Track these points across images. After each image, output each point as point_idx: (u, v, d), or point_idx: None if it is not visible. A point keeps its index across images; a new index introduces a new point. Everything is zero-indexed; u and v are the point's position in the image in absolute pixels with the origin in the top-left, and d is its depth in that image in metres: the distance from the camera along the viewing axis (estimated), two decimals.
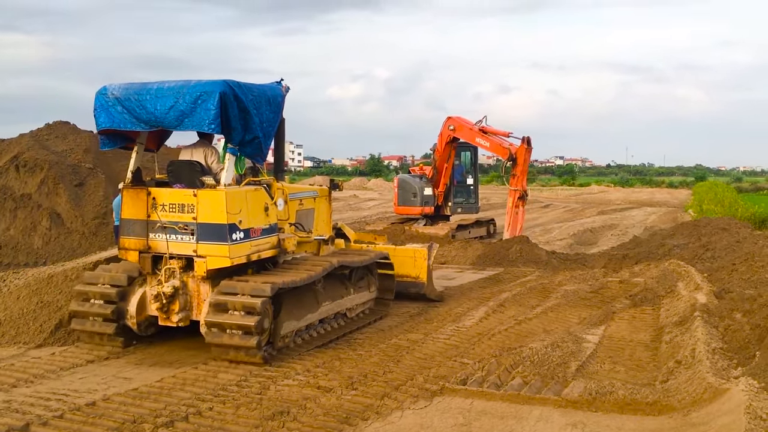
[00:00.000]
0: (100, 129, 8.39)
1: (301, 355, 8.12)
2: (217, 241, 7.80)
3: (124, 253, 8.36)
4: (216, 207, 7.79)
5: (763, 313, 7.95)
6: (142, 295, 8.35)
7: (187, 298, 8.16)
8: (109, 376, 7.29)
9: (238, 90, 7.91)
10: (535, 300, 11.67)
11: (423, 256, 11.36)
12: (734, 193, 44.10)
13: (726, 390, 5.89)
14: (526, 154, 17.32)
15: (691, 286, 11.07)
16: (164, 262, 8.12)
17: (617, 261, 15.68)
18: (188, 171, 8.29)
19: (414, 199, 19.18)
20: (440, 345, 8.67)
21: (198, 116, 7.75)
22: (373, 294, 10.41)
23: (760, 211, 24.35)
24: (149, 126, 8.14)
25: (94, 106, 8.27)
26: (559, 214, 34.56)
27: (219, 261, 7.82)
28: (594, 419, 6.15)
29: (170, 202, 8.01)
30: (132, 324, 8.36)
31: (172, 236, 7.99)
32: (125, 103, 8.06)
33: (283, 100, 8.92)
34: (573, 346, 8.38)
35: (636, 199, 48.64)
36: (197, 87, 7.78)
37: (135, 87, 8.12)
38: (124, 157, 15.73)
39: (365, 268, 10.11)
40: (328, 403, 6.45)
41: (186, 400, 6.48)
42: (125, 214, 8.27)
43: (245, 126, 8.06)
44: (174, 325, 8.22)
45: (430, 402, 6.55)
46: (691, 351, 7.39)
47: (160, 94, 7.91)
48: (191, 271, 8.07)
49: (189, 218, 7.89)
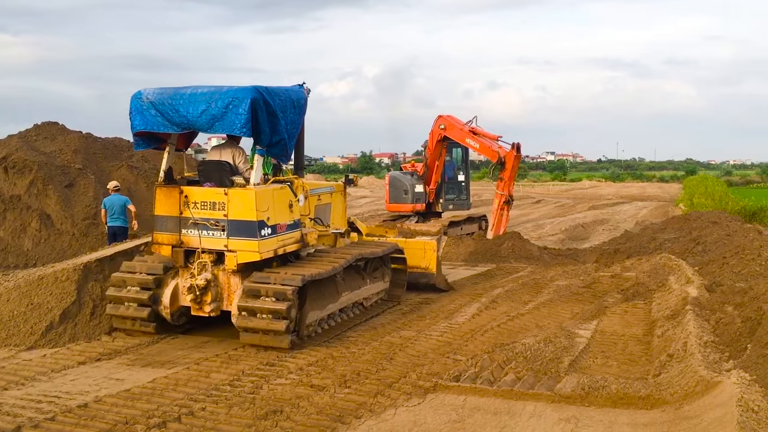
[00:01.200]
0: (135, 131, 8.83)
1: (293, 354, 8.11)
2: (247, 236, 8.34)
3: (157, 247, 8.85)
4: (246, 205, 8.34)
5: (754, 306, 7.98)
6: (174, 286, 8.82)
7: (218, 290, 8.66)
8: (100, 378, 7.25)
9: (266, 95, 8.41)
10: (527, 296, 11.69)
11: (432, 248, 11.92)
12: (724, 187, 44.31)
13: (718, 383, 5.91)
14: (515, 161, 17.48)
15: (682, 279, 11.11)
16: (197, 256, 8.64)
17: (609, 256, 15.73)
18: (218, 170, 8.80)
19: (405, 196, 19.17)
20: (433, 342, 8.67)
21: (229, 120, 8.26)
22: (387, 284, 11.03)
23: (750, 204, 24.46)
24: (181, 128, 8.62)
25: (129, 109, 8.73)
26: (550, 209, 34.64)
27: (249, 255, 8.37)
28: (587, 414, 6.16)
29: (202, 199, 8.56)
30: (165, 314, 8.80)
31: (204, 232, 8.53)
32: (159, 106, 8.55)
33: (305, 103, 9.43)
34: (565, 341, 8.40)
35: (627, 193, 48.83)
36: (229, 93, 8.29)
37: (168, 92, 8.61)
38: (114, 158, 15.70)
39: (380, 260, 10.69)
40: (321, 401, 6.43)
41: (178, 401, 6.45)
42: (158, 211, 8.79)
43: (273, 129, 8.56)
44: (206, 315, 8.70)
45: (424, 399, 6.55)
46: (682, 344, 7.42)
47: (193, 99, 8.41)
48: (222, 265, 8.57)
49: (220, 215, 8.44)
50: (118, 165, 15.09)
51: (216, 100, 8.31)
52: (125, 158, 15.75)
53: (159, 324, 8.85)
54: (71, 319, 8.77)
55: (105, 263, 9.58)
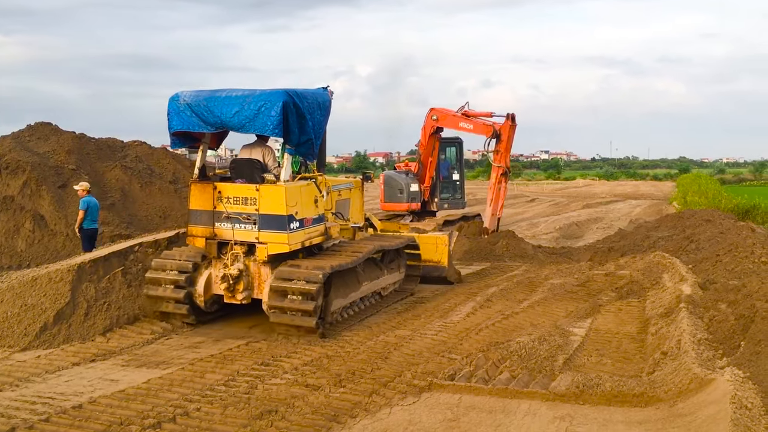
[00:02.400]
0: (173, 131, 9.43)
1: (288, 353, 8.11)
2: (277, 229, 8.96)
3: (192, 239, 9.49)
4: (276, 200, 8.97)
5: (747, 304, 8.02)
6: (208, 276, 9.38)
7: (250, 279, 9.26)
8: (95, 379, 7.24)
9: (296, 98, 9.05)
10: (522, 294, 11.71)
11: (444, 243, 12.59)
12: (717, 185, 44.46)
13: (711, 380, 5.94)
14: (510, 131, 17.35)
15: (676, 277, 11.14)
16: (229, 247, 9.21)
17: (603, 254, 15.76)
18: (249, 168, 9.42)
19: (401, 195, 19.09)
20: (428, 341, 8.68)
21: (261, 121, 8.90)
22: (402, 275, 11.74)
23: (743, 202, 24.55)
24: (215, 128, 9.26)
25: (167, 110, 9.34)
26: (545, 208, 34.70)
27: (279, 247, 8.97)
28: (581, 412, 6.18)
29: (234, 195, 9.17)
30: (200, 302, 9.36)
31: (237, 225, 9.13)
32: (195, 108, 9.15)
33: (330, 105, 10.08)
34: (560, 340, 8.43)
35: (621, 192, 48.93)
36: (262, 96, 8.93)
37: (204, 94, 9.23)
38: (108, 158, 15.65)
39: (395, 252, 11.38)
40: (316, 401, 6.44)
41: (173, 401, 6.44)
42: (193, 205, 9.43)
43: (301, 129, 9.19)
44: (238, 303, 9.29)
45: (419, 398, 6.56)
46: (676, 342, 7.45)
47: (227, 102, 9.02)
48: (253, 256, 9.18)
49: (252, 209, 9.05)
50: (112, 165, 15.04)
51: (249, 102, 8.89)
52: (119, 159, 15.70)
53: (192, 310, 9.36)
54: (65, 320, 8.74)
55: (99, 264, 9.56)
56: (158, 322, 9.40)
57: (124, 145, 16.51)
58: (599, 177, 79.36)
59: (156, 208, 14.37)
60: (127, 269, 9.91)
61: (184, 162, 16.86)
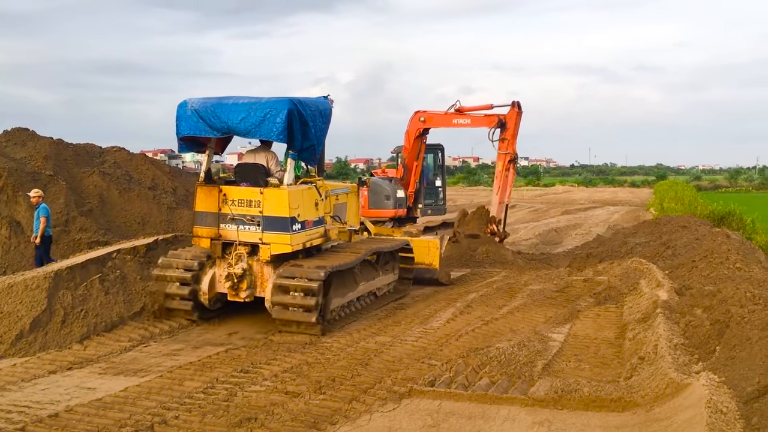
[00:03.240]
0: (181, 136, 9.83)
1: (268, 360, 8.09)
2: (280, 231, 9.39)
3: (197, 240, 9.88)
4: (280, 202, 9.40)
5: (723, 309, 8.12)
6: (212, 275, 9.78)
7: (253, 278, 9.66)
8: (72, 387, 7.16)
9: (300, 106, 9.48)
10: (501, 300, 11.77)
11: (436, 246, 13.04)
12: (693, 192, 44.95)
13: (687, 385, 6.01)
14: (517, 118, 16.88)
15: (653, 283, 11.27)
16: (234, 248, 9.62)
17: (581, 260, 15.89)
18: (253, 172, 9.85)
19: (387, 201, 18.82)
20: (408, 347, 8.70)
21: (267, 128, 9.31)
22: (396, 276, 12.17)
23: (719, 208, 24.85)
24: (221, 133, 9.67)
25: (176, 116, 9.75)
26: (524, 214, 34.89)
27: (281, 248, 9.41)
28: (560, 417, 6.23)
29: (239, 197, 9.59)
30: (204, 300, 9.77)
31: (241, 226, 9.53)
32: (202, 114, 9.56)
33: (330, 113, 10.49)
34: (539, 345, 8.48)
35: (599, 198, 49.35)
36: (268, 104, 9.36)
37: (212, 101, 9.66)
38: (86, 164, 15.51)
39: (390, 254, 11.82)
40: (296, 408, 6.42)
41: (151, 409, 6.39)
42: (199, 207, 9.81)
43: (304, 136, 9.62)
44: (241, 300, 9.70)
45: (399, 404, 6.57)
46: (653, 347, 7.52)
47: (234, 108, 9.45)
48: (256, 256, 9.59)
49: (256, 211, 9.48)
50: (90, 171, 14.91)
51: (255, 109, 9.33)
52: (97, 165, 15.57)
53: (196, 307, 9.75)
54: (42, 327, 8.65)
55: (76, 271, 9.48)
56: (136, 329, 9.33)
57: (102, 151, 16.38)
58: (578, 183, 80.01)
59: (134, 215, 14.26)
60: (105, 276, 9.83)
61: (163, 168, 16.76)
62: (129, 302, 9.89)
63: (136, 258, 10.60)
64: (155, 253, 10.95)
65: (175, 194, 15.45)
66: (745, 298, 8.22)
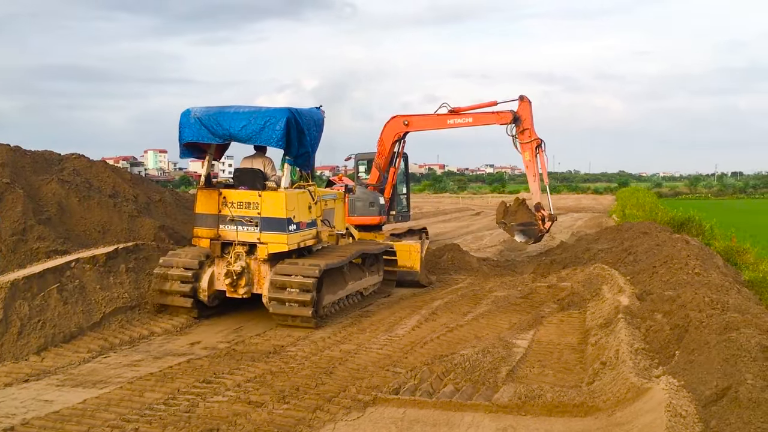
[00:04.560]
0: (184, 142, 10.45)
1: (231, 370, 7.98)
2: (277, 231, 10.09)
3: (197, 240, 10.53)
4: (277, 204, 10.10)
5: (682, 314, 8.26)
6: (211, 273, 10.43)
7: (251, 276, 10.32)
8: (28, 399, 6.97)
9: (297, 115, 10.15)
10: (466, 307, 11.81)
11: (417, 250, 13.86)
12: (654, 198, 45.75)
13: (648, 389, 6.09)
14: (529, 107, 16.61)
15: (614, 289, 11.42)
16: (233, 247, 10.28)
17: (545, 266, 16.03)
18: (251, 176, 10.49)
19: (372, 208, 18.50)
20: (373, 355, 8.67)
21: (266, 135, 9.97)
22: (381, 278, 12.98)
23: (679, 215, 25.31)
24: (223, 140, 10.34)
25: (179, 123, 10.39)
26: (489, 221, 35.09)
27: (278, 247, 10.12)
28: (523, 423, 6.26)
29: (238, 200, 10.27)
30: (203, 297, 10.39)
31: (240, 227, 10.21)
32: (205, 121, 10.19)
33: (323, 122, 11.13)
34: (503, 352, 8.52)
35: (563, 205, 49.93)
36: (267, 113, 10.03)
37: (213, 110, 10.32)
38: (44, 171, 15.17)
39: (374, 257, 12.65)
40: (259, 418, 6.34)
41: (110, 422, 6.25)
42: (199, 210, 10.48)
43: (300, 143, 10.29)
44: (239, 297, 10.34)
45: (363, 413, 6.53)
46: (615, 352, 7.62)
47: (236, 117, 10.10)
48: (254, 255, 10.27)
49: (254, 213, 10.18)
50: (48, 179, 14.58)
51: (255, 117, 9.99)
52: (56, 172, 15.23)
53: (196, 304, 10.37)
54: None
55: (33, 281, 9.25)
56: (95, 340, 9.14)
57: (61, 158, 16.02)
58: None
59: (95, 223, 13.97)
60: (63, 286, 9.61)
61: (124, 175, 16.48)
62: (88, 312, 9.69)
63: (96, 267, 10.39)
64: (115, 262, 10.77)
65: (137, 202, 15.18)
66: (703, 303, 8.38)
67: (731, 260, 17.17)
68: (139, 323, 10.10)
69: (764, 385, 5.62)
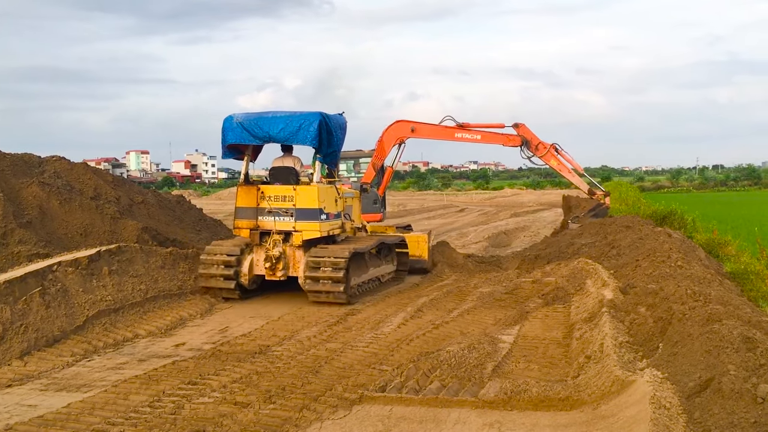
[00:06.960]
0: (227, 144, 12.02)
1: (217, 371, 7.94)
2: (310, 219, 11.60)
3: (238, 230, 12.00)
4: (310, 197, 11.63)
5: (665, 306, 8.32)
6: (251, 260, 11.91)
7: (286, 261, 11.78)
8: (11, 404, 6.90)
9: (327, 118, 11.69)
10: (452, 303, 11.84)
11: (425, 240, 15.29)
12: (637, 192, 46.07)
13: (632, 382, 6.12)
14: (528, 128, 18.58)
15: (598, 283, 11.48)
16: (271, 235, 11.78)
17: (530, 262, 16.10)
18: (285, 173, 12.15)
19: (375, 206, 18.84)
20: (359, 353, 8.66)
21: (302, 135, 11.53)
22: (395, 266, 14.43)
23: (661, 208, 25.52)
24: (262, 141, 11.98)
25: (222, 128, 11.95)
26: (474, 217, 35.26)
27: (311, 233, 11.64)
28: (510, 418, 6.28)
29: (275, 194, 11.80)
30: (244, 281, 11.87)
31: (277, 218, 11.75)
32: (246, 125, 11.71)
33: (346, 126, 12.77)
34: (489, 347, 8.55)
35: (547, 200, 50.20)
36: (302, 116, 11.57)
37: (253, 115, 11.88)
38: (24, 174, 15.01)
39: (389, 248, 14.10)
40: (245, 419, 6.31)
41: (95, 425, 6.20)
42: (240, 203, 11.93)
43: (329, 143, 11.83)
44: (277, 279, 11.82)
45: (350, 411, 6.52)
46: (599, 346, 7.66)
47: (274, 121, 11.64)
48: (289, 242, 11.76)
49: (289, 205, 11.70)
50: (29, 182, 14.42)
51: (292, 121, 11.51)
52: (36, 175, 15.07)
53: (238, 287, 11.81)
54: None
55: (15, 285, 9.14)
56: (79, 344, 9.06)
57: (42, 161, 15.84)
58: (526, 186, 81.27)
59: (76, 226, 13.84)
60: (46, 290, 9.51)
61: (105, 177, 16.33)
62: (71, 316, 9.61)
63: (78, 270, 10.30)
64: (98, 265, 10.68)
65: (119, 204, 15.05)
66: (686, 296, 8.45)
67: (713, 252, 17.35)
68: (123, 326, 10.03)
69: (747, 375, 5.67)
